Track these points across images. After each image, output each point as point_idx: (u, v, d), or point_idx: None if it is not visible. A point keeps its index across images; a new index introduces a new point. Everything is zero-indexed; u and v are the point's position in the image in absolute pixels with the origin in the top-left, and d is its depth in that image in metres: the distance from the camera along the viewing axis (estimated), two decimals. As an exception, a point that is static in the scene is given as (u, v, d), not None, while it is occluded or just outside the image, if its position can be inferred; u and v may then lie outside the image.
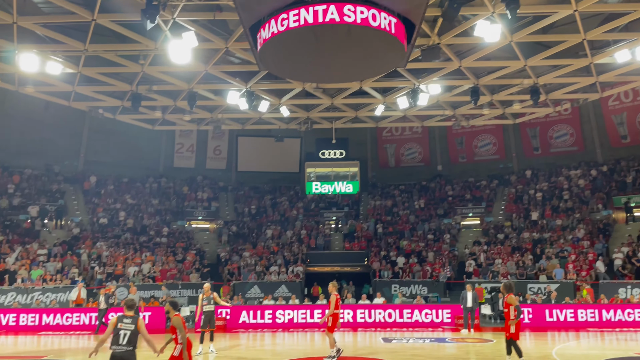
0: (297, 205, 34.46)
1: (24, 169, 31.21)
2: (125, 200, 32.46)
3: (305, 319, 19.49)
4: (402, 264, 26.57)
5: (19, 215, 27.83)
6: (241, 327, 19.17)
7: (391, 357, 12.66)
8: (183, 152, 37.43)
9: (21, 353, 14.02)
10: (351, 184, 35.81)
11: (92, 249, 26.39)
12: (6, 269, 22.81)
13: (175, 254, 27.32)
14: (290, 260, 27.28)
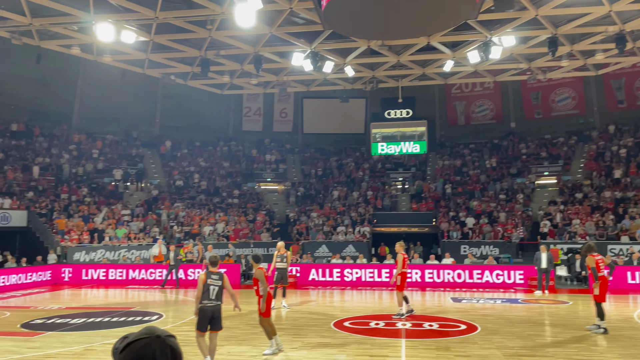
0: (362, 167, 34.42)
1: (105, 135, 33.25)
2: (199, 163, 33.87)
3: (373, 277, 19.76)
4: (471, 224, 26.03)
5: (104, 178, 29.84)
6: (311, 285, 19.78)
7: (461, 316, 12.62)
8: (251, 116, 38.22)
9: (111, 304, 15.32)
10: (418, 144, 35.18)
11: (170, 209, 27.97)
12: (95, 227, 24.71)
13: (246, 214, 28.37)
14: (357, 220, 27.52)
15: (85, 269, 21.06)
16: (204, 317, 7.59)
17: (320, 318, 12.45)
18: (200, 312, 7.58)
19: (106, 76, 30.95)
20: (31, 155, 29.15)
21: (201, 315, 7.57)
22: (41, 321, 12.15)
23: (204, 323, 7.60)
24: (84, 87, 32.74)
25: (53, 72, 30.73)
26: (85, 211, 25.97)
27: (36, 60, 24.44)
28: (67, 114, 32.80)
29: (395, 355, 8.60)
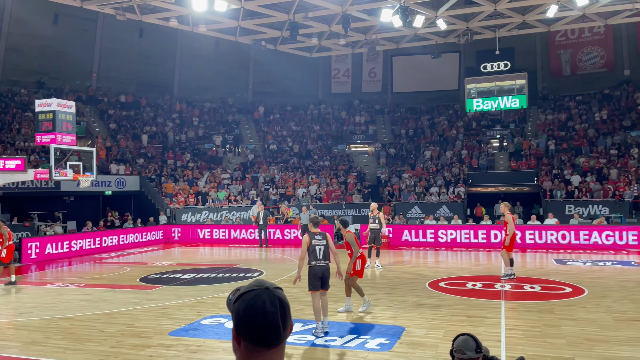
0: (456, 125, 33.14)
1: (204, 103, 35.00)
2: (290, 127, 34.62)
3: (469, 239, 19.28)
4: (577, 182, 24.28)
5: (204, 145, 31.60)
6: (403, 245, 19.77)
7: (565, 278, 12.00)
8: (339, 78, 38.06)
9: (217, 262, 16.45)
10: (517, 98, 33.01)
11: (266, 172, 29.10)
12: (199, 191, 26.41)
13: (337, 177, 28.72)
14: (450, 181, 26.78)
15: (192, 229, 22.70)
16: (314, 277, 7.66)
17: (414, 278, 12.46)
18: (311, 272, 7.67)
19: (202, 47, 32.29)
20: (140, 124, 31.50)
21: (312, 275, 7.66)
22: (157, 276, 13.38)
23: (316, 283, 7.66)
24: (182, 58, 34.47)
25: (154, 45, 32.60)
26: (190, 175, 27.78)
27: (139, 35, 26.01)
28: (168, 84, 34.85)
29: (494, 317, 8.42)
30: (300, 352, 6.64)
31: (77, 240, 18.65)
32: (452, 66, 35.35)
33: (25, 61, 29.22)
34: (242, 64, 35.83)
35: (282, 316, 1.49)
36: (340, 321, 8.32)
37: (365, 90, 37.86)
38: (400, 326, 7.91)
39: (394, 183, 27.64)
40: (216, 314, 8.92)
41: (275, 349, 1.49)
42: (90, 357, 6.71)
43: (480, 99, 33.47)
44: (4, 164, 15.38)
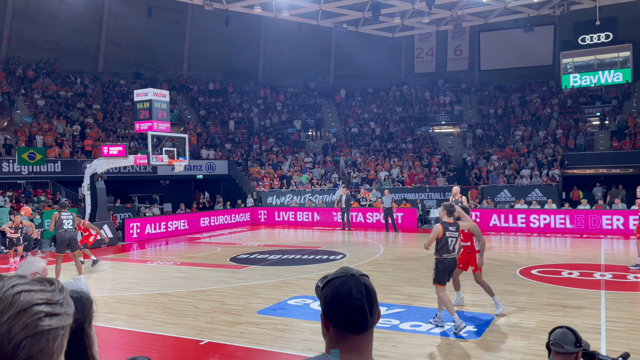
0: (550, 102, 31.07)
1: (287, 88, 35.66)
2: (372, 110, 34.33)
3: (564, 224, 18.14)
4: (692, 163, 21.91)
5: (287, 129, 32.26)
6: (492, 230, 19.01)
7: (676, 269, 10.92)
8: (423, 57, 37.02)
9: (301, 244, 16.83)
10: (621, 71, 30.32)
11: (347, 156, 29.17)
12: (283, 174, 27.08)
13: (420, 159, 28.12)
14: (543, 162, 25.26)
15: (277, 211, 23.38)
16: (444, 270, 7.16)
17: (504, 265, 11.96)
18: (441, 265, 7.15)
19: (284, 32, 32.77)
20: (227, 110, 32.77)
21: (441, 268, 7.15)
22: (245, 256, 13.96)
23: (444, 276, 7.17)
24: (266, 44, 35.25)
25: (239, 33, 33.61)
26: (274, 159, 28.55)
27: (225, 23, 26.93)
28: (253, 70, 35.84)
29: (594, 308, 7.88)
30: (384, 335, 6.65)
31: (172, 221, 19.91)
32: (546, 40, 33.07)
33: (124, 53, 31.33)
34: (323, 48, 35.97)
35: (369, 302, 1.50)
36: (425, 307, 8.20)
37: (450, 68, 36.53)
38: (489, 314, 7.64)
39: (481, 165, 26.58)
40: (301, 295, 9.15)
41: (363, 335, 1.51)
42: (187, 331, 7.16)
43: (578, 74, 31.13)
44: (108, 150, 16.71)
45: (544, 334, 6.68)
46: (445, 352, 6.09)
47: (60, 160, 21.99)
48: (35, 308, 0.78)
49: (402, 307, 8.15)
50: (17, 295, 0.78)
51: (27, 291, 0.79)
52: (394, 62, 36.88)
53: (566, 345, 2.81)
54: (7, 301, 0.76)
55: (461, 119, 32.62)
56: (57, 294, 0.83)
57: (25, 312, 0.76)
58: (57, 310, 0.81)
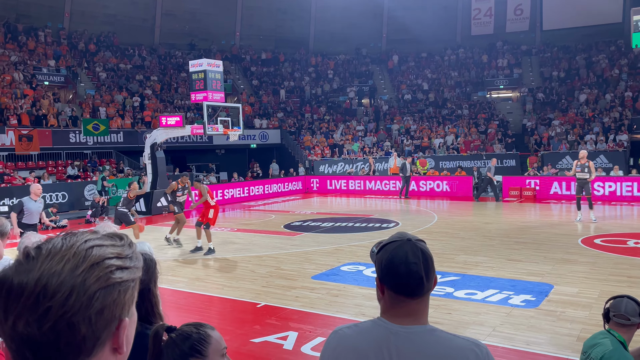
0: (619, 63, 29.03)
1: (338, 55, 35.20)
2: (426, 75, 33.38)
3: (631, 192, 17.21)
4: None
5: (339, 97, 32.02)
6: (552, 198, 18.32)
7: None
8: (480, 18, 35.37)
9: (353, 212, 16.89)
10: (702, 26, 27.76)
11: (400, 123, 28.69)
12: (334, 143, 27.05)
13: (477, 126, 27.24)
14: (610, 127, 23.84)
15: (329, 179, 23.50)
16: None
17: (565, 234, 11.54)
18: None
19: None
20: (279, 80, 32.87)
21: None
22: (298, 223, 14.20)
23: None
24: (316, 11, 34.79)
25: (290, 0, 33.31)
26: (325, 128, 28.52)
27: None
28: (304, 38, 35.57)
29: (662, 279, 7.50)
30: (438, 303, 6.63)
31: (228, 189, 20.45)
32: (616, -5, 30.70)
33: (178, 25, 31.88)
34: (375, 13, 35.08)
35: (425, 267, 1.49)
36: (480, 275, 8.09)
37: (509, 30, 34.75)
38: (549, 284, 7.44)
39: (542, 132, 25.45)
40: (354, 262, 9.23)
41: (419, 299, 1.50)
42: (244, 294, 7.43)
43: (652, 30, 28.77)
44: (166, 120, 17.25)
45: (607, 304, 6.43)
46: (501, 320, 6.01)
47: (122, 131, 22.93)
48: (107, 262, 0.82)
49: (457, 275, 8.08)
50: (90, 250, 0.82)
51: (99, 246, 0.84)
52: (450, 24, 35.48)
53: (632, 317, 2.71)
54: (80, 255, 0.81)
55: (521, 83, 31.17)
56: (126, 249, 0.88)
57: (98, 265, 0.81)
58: (127, 264, 0.85)
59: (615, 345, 2.63)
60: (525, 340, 5.36)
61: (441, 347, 1.45)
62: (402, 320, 1.50)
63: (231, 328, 6.06)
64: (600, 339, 2.71)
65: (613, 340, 2.66)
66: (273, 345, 5.49)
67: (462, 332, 5.54)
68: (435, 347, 1.45)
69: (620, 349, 2.61)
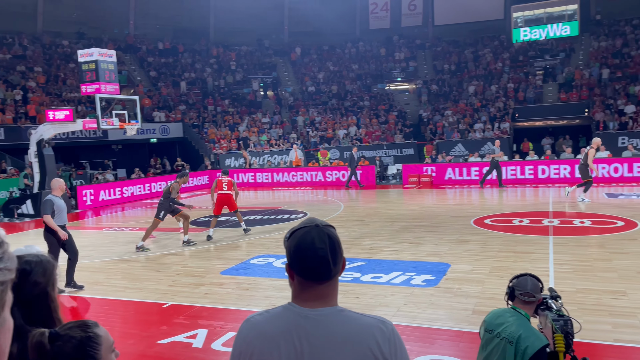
0: (502, 57, 31.61)
1: (240, 46, 34.68)
2: (328, 68, 33.98)
3: (515, 175, 18.85)
4: (631, 112, 23.02)
5: (243, 89, 31.60)
6: (447, 184, 19.56)
7: (617, 212, 11.64)
8: (377, 13, 36.64)
9: (261, 204, 16.83)
10: (568, 25, 31.00)
11: (305, 115, 28.98)
12: (240, 136, 26.69)
13: (378, 117, 28.28)
14: (496, 116, 25.92)
15: (236, 173, 23.16)
16: None
17: (459, 216, 12.39)
18: None
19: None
20: (179, 71, 31.68)
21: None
22: (205, 219, 13.85)
23: None
24: (216, 0, 33.94)
25: (187, -11, 32.21)
26: (230, 121, 28.03)
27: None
28: (204, 29, 34.59)
29: (542, 252, 8.32)
30: (346, 288, 6.82)
31: (128, 186, 19.41)
32: (498, -7, 33.31)
33: (64, 12, 29.50)
34: (276, 4, 35.02)
35: (332, 252, 1.52)
36: (384, 259, 8.44)
37: (404, 24, 36.39)
38: (446, 263, 7.96)
39: (436, 121, 27.02)
40: (264, 254, 9.21)
41: (327, 283, 1.54)
42: (149, 295, 7.12)
43: (528, 27, 31.63)
44: (54, 115, 15.92)
45: (497, 278, 7.02)
46: (404, 300, 6.32)
47: (3, 127, 20.87)
48: None
49: (363, 260, 8.36)
50: None
51: None
52: (349, 18, 36.37)
53: (536, 294, 2.82)
54: None
55: (416, 75, 32.81)
56: None
57: None
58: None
59: (527, 324, 2.72)
60: (427, 317, 5.70)
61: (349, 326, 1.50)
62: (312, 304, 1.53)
63: (136, 331, 5.79)
64: (509, 317, 2.77)
65: (523, 319, 2.74)
66: (182, 344, 5.33)
67: (370, 315, 5.77)
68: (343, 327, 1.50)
69: (531, 327, 2.72)
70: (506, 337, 2.69)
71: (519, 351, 2.60)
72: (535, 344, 2.59)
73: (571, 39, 30.86)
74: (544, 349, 2.59)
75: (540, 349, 2.58)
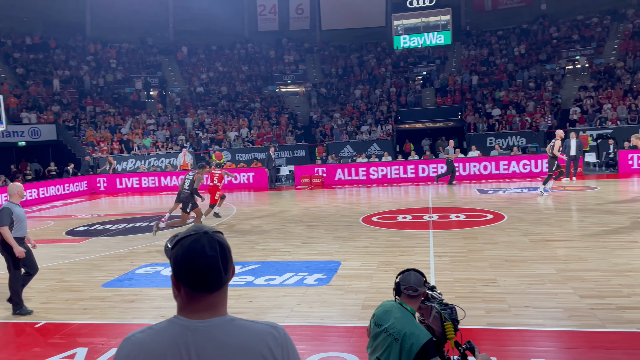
0: (384, 62, 33.34)
1: (121, 44, 32.71)
2: (217, 68, 33.33)
3: (399, 174, 19.95)
4: (497, 115, 25.53)
5: (125, 89, 29.84)
6: (337, 184, 20.15)
7: (487, 206, 12.81)
8: (266, 15, 36.73)
9: (148, 210, 16.01)
10: (442, 34, 33.59)
11: (194, 116, 28.11)
12: (122, 138, 25.17)
13: (269, 118, 28.33)
14: (380, 119, 27.24)
15: (119, 177, 21.80)
16: None
17: (348, 215, 12.81)
18: None
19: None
20: (50, 68, 29.06)
21: None
22: (84, 228, 12.85)
23: None
24: (93, -6, 31.72)
25: (59, -21, 29.69)
26: (112, 122, 26.32)
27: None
28: (79, 23, 32.12)
29: (423, 246, 8.89)
30: (239, 293, 6.72)
31: (-9, 196, 17.38)
32: (380, 2, 35.06)
33: None
34: (160, 1, 33.58)
35: (223, 259, 1.46)
36: (278, 260, 8.46)
37: (293, 27, 36.88)
38: (337, 261, 8.17)
39: (325, 123, 27.72)
40: (151, 263, 8.77)
41: (217, 293, 1.48)
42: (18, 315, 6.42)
43: (407, 35, 33.72)
44: None
45: (384, 273, 7.35)
46: (298, 301, 6.38)
47: None
48: None
49: (257, 263, 8.30)
50: None
51: None
52: (238, 18, 36.03)
53: (419, 288, 2.95)
54: None
55: (306, 78, 33.41)
56: None
57: None
58: None
59: (412, 321, 2.80)
60: (320, 316, 5.80)
61: (240, 336, 1.45)
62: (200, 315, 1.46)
63: (3, 355, 5.18)
64: (396, 313, 2.85)
65: (408, 316, 2.83)
66: (58, 367, 4.87)
67: (263, 317, 5.73)
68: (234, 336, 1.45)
69: (416, 323, 2.81)
70: (393, 333, 2.76)
71: (405, 349, 2.68)
72: (419, 340, 2.67)
73: (445, 47, 33.44)
74: (429, 343, 2.68)
75: (425, 344, 2.67)
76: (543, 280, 6.54)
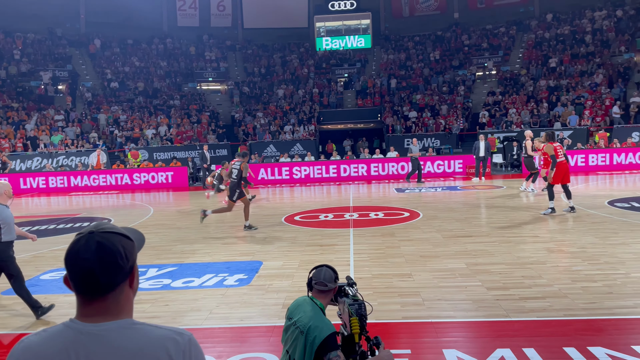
0: (307, 63, 33.61)
1: (26, 34, 30.38)
2: (133, 63, 31.92)
3: (321, 174, 20.20)
4: (414, 117, 26.60)
5: (30, 82, 27.74)
6: (260, 184, 20.03)
7: (404, 204, 13.31)
8: (186, 10, 35.71)
9: (55, 212, 14.99)
10: (363, 37, 34.43)
11: (108, 113, 26.71)
12: (27, 135, 23.37)
13: (189, 116, 27.57)
14: (303, 119, 27.43)
15: (22, 177, 20.23)
16: None
17: (271, 214, 12.78)
18: None
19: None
20: (-58, 58, 26.40)
21: None
22: None
23: None
24: (-9, -22, 29.17)
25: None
26: (15, 118, 24.37)
27: None
28: (-24, 10, 29.43)
29: (344, 244, 9.06)
30: (155, 296, 6.48)
31: None
32: (302, 3, 35.28)
33: None
34: (70, -11, 31.58)
35: (102, 263, 1.35)
36: (197, 262, 8.26)
37: (214, 24, 36.16)
38: (258, 261, 8.11)
39: (248, 122, 27.45)
40: (58, 268, 8.22)
41: (107, 297, 1.38)
42: None
43: (329, 37, 34.20)
44: None
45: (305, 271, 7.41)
46: (217, 302, 6.26)
47: None
48: None
49: (174, 265, 8.04)
50: None
51: None
52: (156, 12, 34.71)
53: (329, 283, 3.06)
54: None
55: (228, 77, 32.88)
56: None
57: None
58: None
59: (319, 315, 2.91)
60: (240, 317, 5.72)
61: (137, 341, 1.38)
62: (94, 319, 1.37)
63: None
64: (307, 307, 2.95)
65: (317, 310, 2.93)
66: (-52, 385, 4.43)
67: (180, 321, 5.57)
68: (131, 342, 1.37)
69: (323, 317, 2.91)
70: (299, 327, 2.86)
71: (309, 341, 2.77)
72: (322, 333, 2.77)
73: (365, 50, 34.32)
74: (331, 336, 2.78)
75: (326, 338, 2.76)
76: (454, 274, 6.91)
